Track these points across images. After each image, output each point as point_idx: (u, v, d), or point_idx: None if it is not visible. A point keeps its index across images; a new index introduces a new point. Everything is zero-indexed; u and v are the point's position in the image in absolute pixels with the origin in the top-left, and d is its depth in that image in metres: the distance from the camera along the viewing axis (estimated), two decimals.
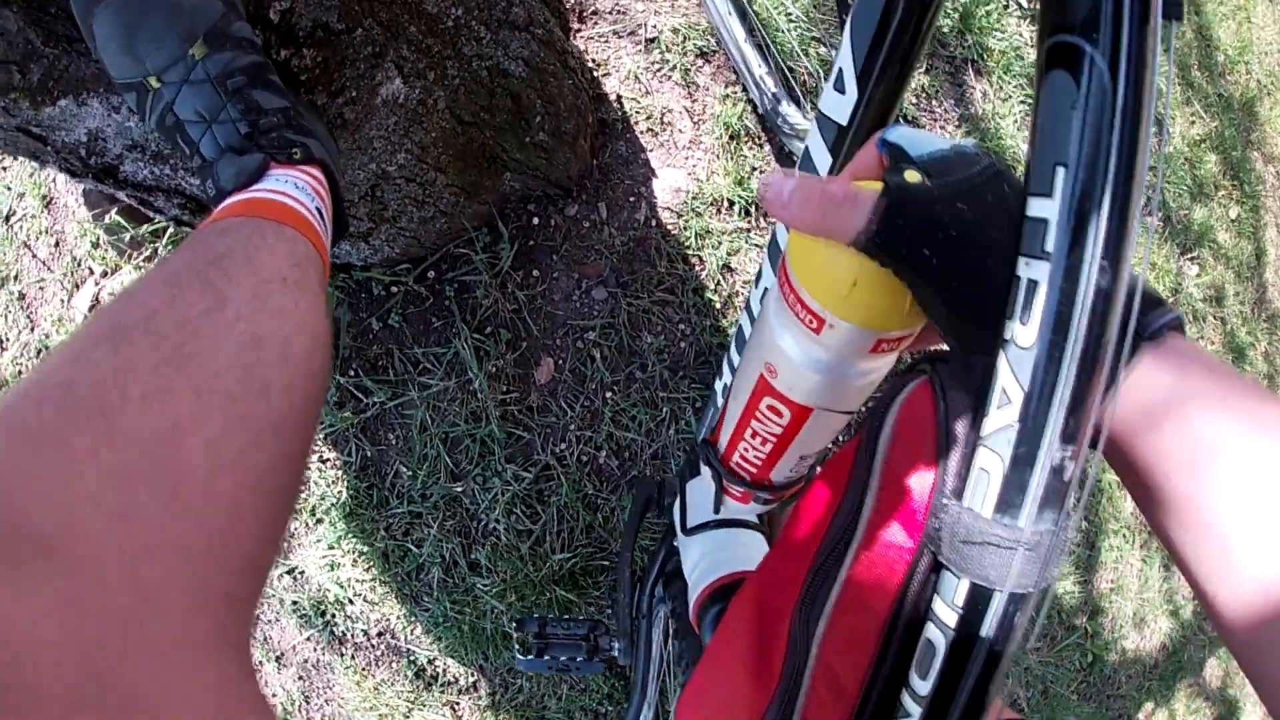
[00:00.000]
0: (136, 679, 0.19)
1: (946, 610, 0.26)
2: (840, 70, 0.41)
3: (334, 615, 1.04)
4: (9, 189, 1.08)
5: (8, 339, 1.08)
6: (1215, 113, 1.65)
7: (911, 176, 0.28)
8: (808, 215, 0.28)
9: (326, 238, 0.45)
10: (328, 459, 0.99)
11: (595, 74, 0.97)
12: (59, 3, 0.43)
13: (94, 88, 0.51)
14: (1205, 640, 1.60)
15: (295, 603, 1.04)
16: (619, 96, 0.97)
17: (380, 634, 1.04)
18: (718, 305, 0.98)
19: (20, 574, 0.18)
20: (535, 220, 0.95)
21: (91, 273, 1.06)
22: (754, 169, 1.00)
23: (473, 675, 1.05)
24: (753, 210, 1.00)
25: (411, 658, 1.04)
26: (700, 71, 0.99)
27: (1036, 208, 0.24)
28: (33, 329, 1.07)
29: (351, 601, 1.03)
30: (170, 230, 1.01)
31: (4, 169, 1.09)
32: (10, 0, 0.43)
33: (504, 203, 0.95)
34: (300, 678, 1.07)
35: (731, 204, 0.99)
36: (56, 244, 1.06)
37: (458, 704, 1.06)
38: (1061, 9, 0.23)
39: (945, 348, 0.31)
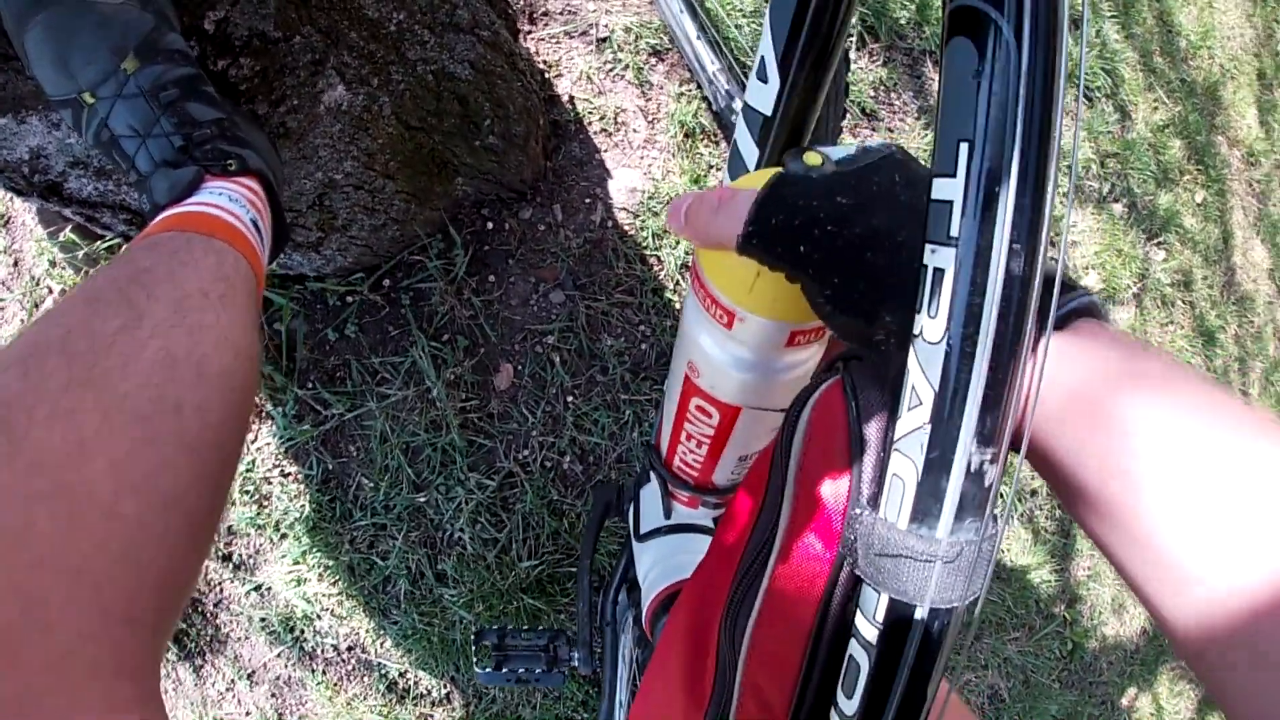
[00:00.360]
0: (9, 691, 0.19)
1: (868, 626, 0.24)
2: (762, 58, 0.40)
3: (303, 631, 1.02)
4: None
5: None
6: (1179, 98, 1.66)
7: (811, 159, 0.27)
8: (698, 226, 0.29)
9: (263, 250, 0.44)
10: (289, 473, 0.97)
11: (547, 75, 0.97)
12: None
13: (33, 105, 0.51)
14: None
15: (264, 619, 1.02)
16: (571, 97, 0.96)
17: (350, 648, 1.03)
18: (677, 305, 0.98)
19: None
20: (489, 225, 0.94)
21: (50, 291, 1.05)
22: (710, 166, 1.00)
23: (445, 687, 1.04)
24: None
25: (383, 671, 1.03)
26: (654, 70, 0.98)
27: (941, 189, 0.22)
28: None
29: (319, 616, 1.01)
30: (122, 246, 1.00)
31: None
32: None
33: (457, 208, 0.94)
34: (272, 695, 1.05)
35: None
36: (15, 263, 1.03)
37: (431, 716, 1.05)
38: None
39: None
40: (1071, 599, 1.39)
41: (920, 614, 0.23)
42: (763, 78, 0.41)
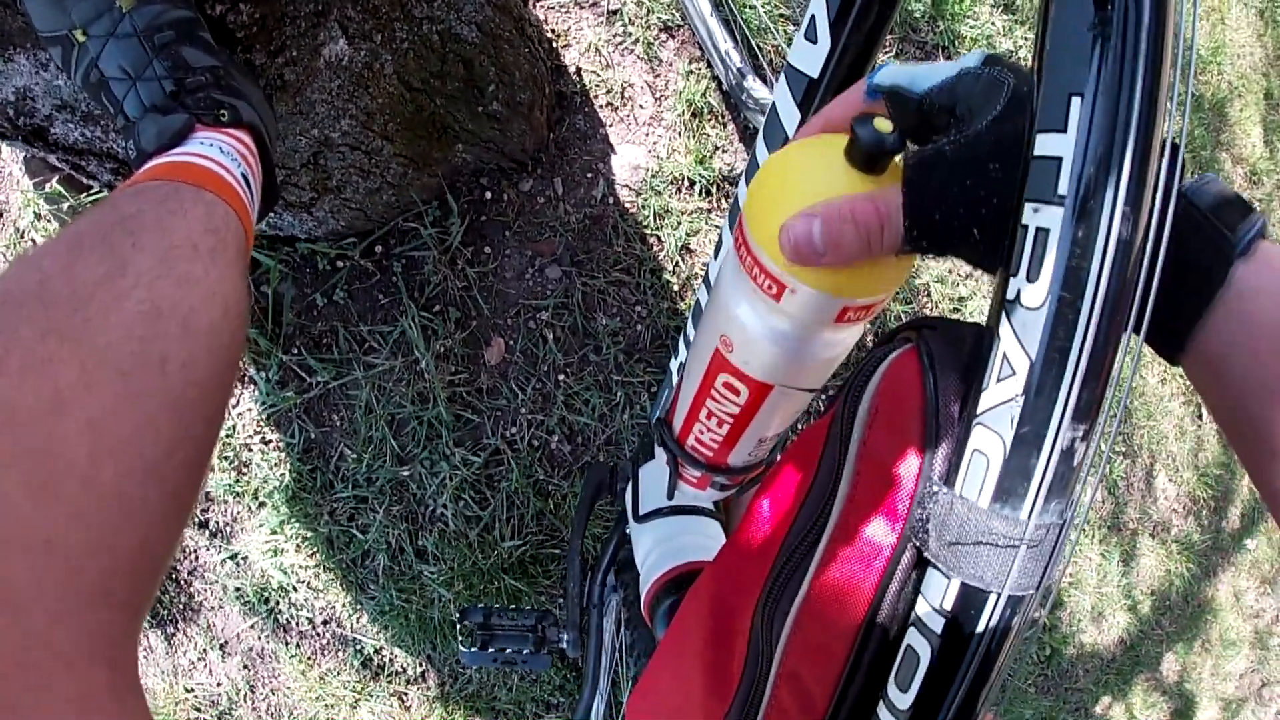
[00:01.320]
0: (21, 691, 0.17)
1: (932, 614, 0.23)
2: (813, 17, 0.38)
3: (278, 603, 1.00)
4: None
5: None
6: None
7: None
8: (848, 252, 0.25)
9: (253, 206, 0.43)
10: (270, 440, 0.95)
11: (554, 45, 0.94)
12: None
13: (21, 43, 0.49)
14: (1163, 636, 1.63)
15: (238, 589, 1.00)
16: (578, 69, 0.94)
17: (325, 622, 1.01)
18: (676, 287, 0.96)
19: None
20: (488, 195, 0.92)
21: (34, 244, 1.02)
22: (716, 148, 0.98)
23: (420, 665, 1.02)
24: (714, 190, 0.97)
25: (358, 647, 1.01)
26: (664, 46, 0.96)
27: (1046, 145, 0.21)
28: None
29: (295, 589, 0.99)
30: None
31: None
32: None
33: (455, 176, 0.92)
34: (245, 666, 1.03)
35: (692, 183, 0.96)
36: (1, 215, 1.00)
37: (405, 694, 1.03)
38: None
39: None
40: (1052, 605, 1.40)
41: (995, 602, 0.21)
42: (811, 38, 0.39)
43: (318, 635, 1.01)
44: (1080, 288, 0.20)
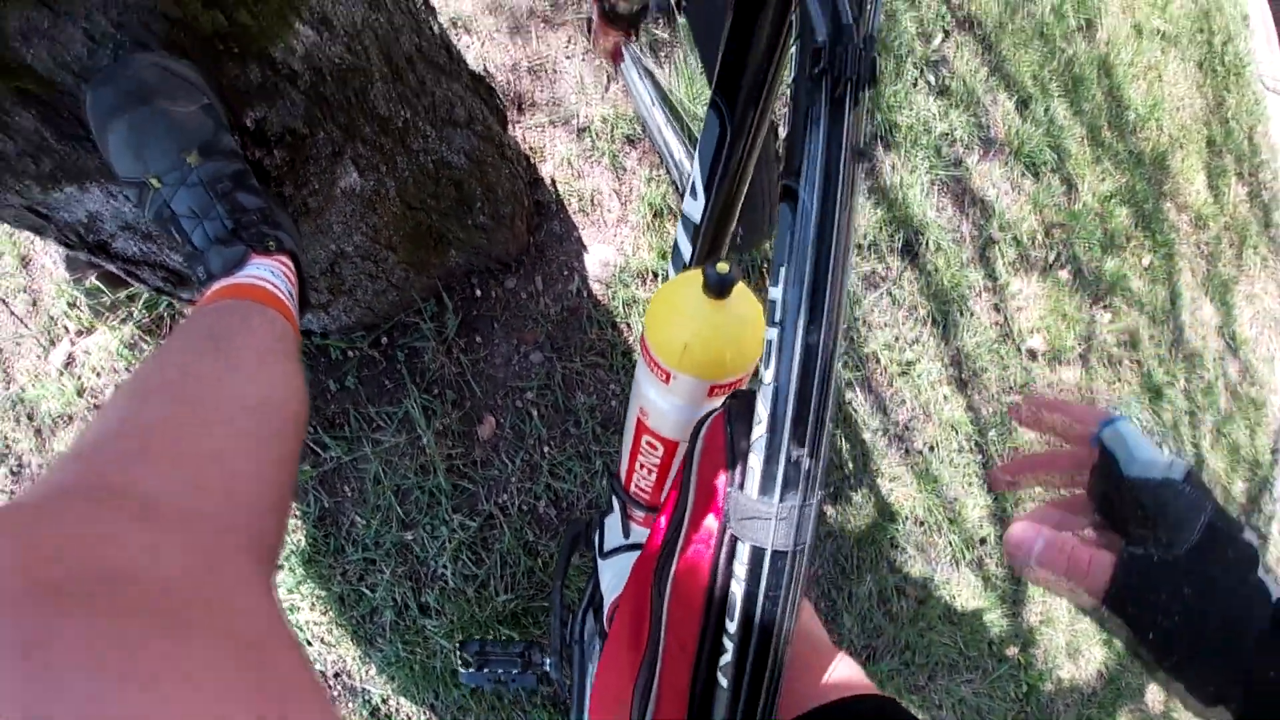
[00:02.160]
0: (220, 582, 0.28)
1: (741, 568, 0.36)
2: (693, 182, 0.54)
3: None
4: None
5: None
6: (1126, 169, 1.78)
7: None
8: (1054, 571, 0.30)
9: (297, 315, 0.54)
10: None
11: (532, 160, 1.09)
12: (69, 108, 0.49)
13: (95, 178, 0.57)
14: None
15: None
16: (553, 180, 1.08)
17: (336, 674, 1.10)
18: None
19: (146, 522, 0.28)
20: (478, 292, 1.05)
21: (67, 331, 1.10)
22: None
23: (425, 713, 1.11)
24: None
25: (366, 697, 1.10)
26: (627, 156, 1.11)
27: (772, 293, 0.35)
28: (9, 384, 1.10)
29: (310, 643, 1.09)
30: (145, 297, 1.09)
31: None
32: (29, 104, 0.49)
33: (449, 276, 1.05)
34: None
35: (655, 275, 1.09)
36: (34, 302, 1.09)
37: None
38: (788, 160, 0.35)
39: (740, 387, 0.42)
40: (1025, 643, 1.45)
41: (768, 553, 0.35)
42: (694, 195, 0.55)
43: (329, 687, 1.10)
44: (789, 374, 0.34)
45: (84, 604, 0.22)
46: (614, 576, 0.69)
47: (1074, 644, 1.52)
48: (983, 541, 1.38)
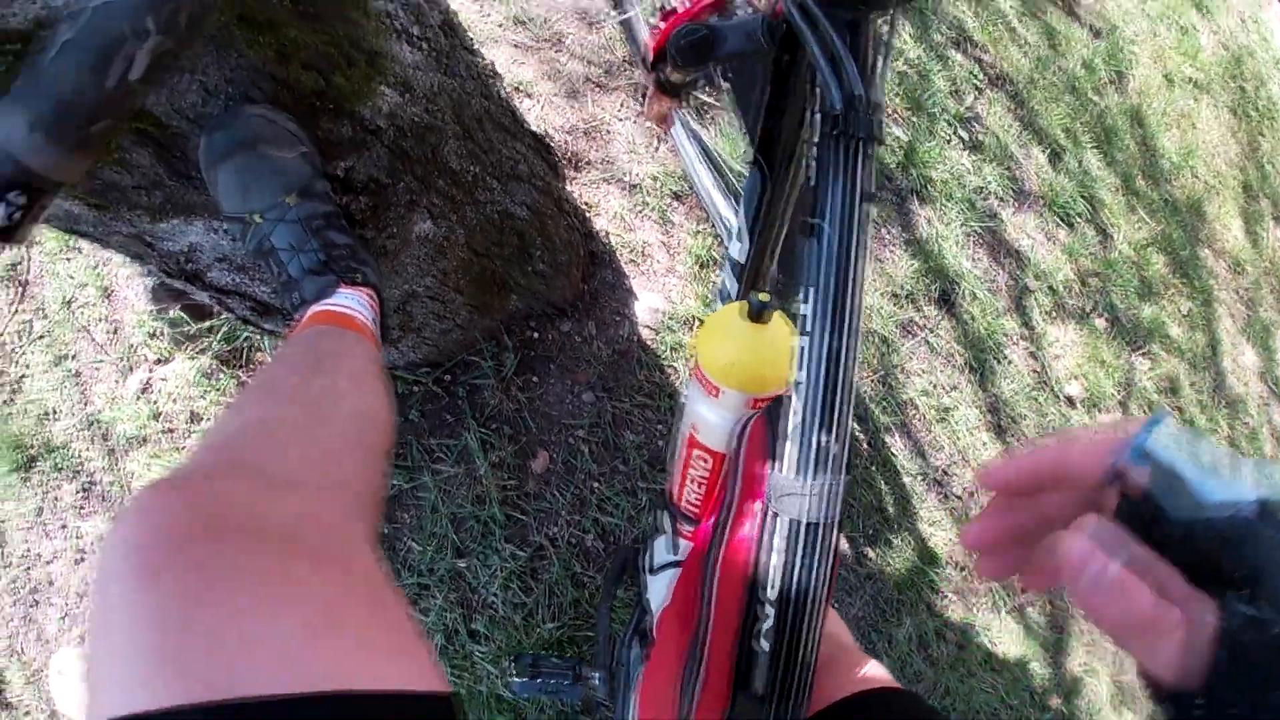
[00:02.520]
0: (346, 538, 0.36)
1: (779, 540, 0.42)
2: (739, 227, 0.63)
3: None
4: (71, 278, 1.16)
5: (60, 410, 1.15)
6: (1161, 217, 1.79)
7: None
8: (1108, 614, 0.23)
9: (380, 343, 0.61)
10: None
11: (586, 214, 1.17)
12: (181, 148, 0.53)
13: (200, 213, 0.61)
14: None
15: None
16: (606, 232, 1.16)
17: None
18: None
19: (278, 491, 0.36)
20: (535, 334, 1.12)
21: (146, 359, 1.14)
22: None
23: None
24: None
25: None
26: (675, 211, 1.18)
27: (801, 309, 0.41)
28: (85, 405, 1.13)
29: None
30: (225, 329, 1.14)
31: (68, 259, 1.17)
32: (146, 143, 0.53)
33: (509, 319, 1.11)
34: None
35: (700, 321, 1.15)
36: (114, 331, 1.14)
37: None
38: (812, 202, 0.41)
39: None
40: (1068, 693, 1.43)
41: (803, 524, 0.41)
42: (739, 239, 0.64)
43: None
44: (817, 374, 0.40)
45: (243, 538, 0.30)
46: (662, 590, 0.74)
47: (1119, 696, 1.49)
48: (1023, 590, 1.38)
